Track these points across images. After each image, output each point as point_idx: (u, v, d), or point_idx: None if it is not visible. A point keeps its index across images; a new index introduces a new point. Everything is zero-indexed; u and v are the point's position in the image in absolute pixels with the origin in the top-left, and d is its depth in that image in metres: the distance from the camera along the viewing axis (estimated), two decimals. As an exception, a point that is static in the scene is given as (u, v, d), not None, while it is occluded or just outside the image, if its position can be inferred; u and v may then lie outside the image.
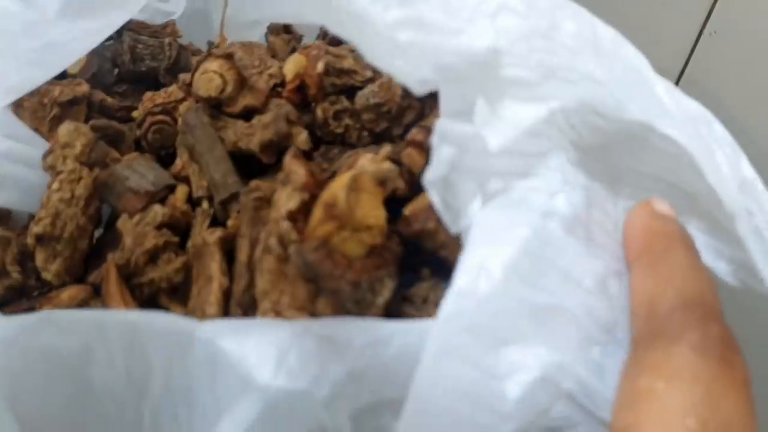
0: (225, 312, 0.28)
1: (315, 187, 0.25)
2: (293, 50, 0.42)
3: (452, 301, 0.20)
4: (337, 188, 0.22)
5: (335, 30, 0.24)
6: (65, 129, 0.34)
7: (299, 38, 0.43)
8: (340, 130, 0.35)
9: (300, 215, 0.24)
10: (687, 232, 0.22)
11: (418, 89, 0.21)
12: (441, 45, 0.21)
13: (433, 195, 0.21)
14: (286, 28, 0.43)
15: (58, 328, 0.25)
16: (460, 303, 0.20)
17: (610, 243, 0.22)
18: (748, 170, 0.23)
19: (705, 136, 0.23)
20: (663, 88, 0.23)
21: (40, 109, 0.38)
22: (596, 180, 0.22)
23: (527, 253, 0.20)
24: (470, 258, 0.20)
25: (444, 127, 0.21)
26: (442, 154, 0.21)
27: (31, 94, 0.37)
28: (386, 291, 0.23)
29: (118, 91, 0.45)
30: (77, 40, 0.37)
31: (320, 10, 0.25)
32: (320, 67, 0.33)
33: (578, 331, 0.20)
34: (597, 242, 0.21)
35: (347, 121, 0.35)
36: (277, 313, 0.24)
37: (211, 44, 0.50)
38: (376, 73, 0.34)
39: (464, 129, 0.20)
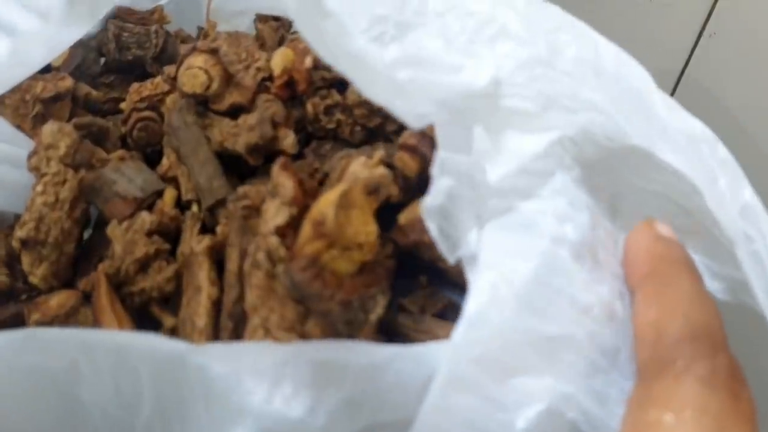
0: (215, 323, 0.27)
1: (304, 199, 0.24)
2: (282, 38, 0.41)
3: (463, 331, 0.19)
4: (325, 205, 0.21)
5: (329, 61, 0.23)
6: (48, 130, 0.33)
7: (288, 25, 0.42)
8: (331, 126, 0.34)
9: (289, 230, 0.24)
10: (690, 256, 0.21)
11: (417, 123, 0.21)
12: (441, 82, 0.20)
13: (431, 224, 0.20)
14: (275, 16, 0.42)
15: (44, 346, 0.24)
16: (471, 333, 0.19)
17: (612, 261, 0.21)
18: (749, 195, 0.23)
19: (707, 158, 0.22)
20: (665, 107, 0.22)
21: (22, 106, 0.37)
22: (598, 197, 0.21)
23: (538, 282, 0.19)
24: (481, 285, 0.19)
25: (444, 157, 0.20)
26: (441, 184, 0.20)
27: (13, 90, 0.36)
28: (379, 308, 0.23)
29: (104, 82, 0.44)
30: (59, 34, 0.35)
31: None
32: (308, 62, 0.32)
33: (584, 360, 0.19)
34: (601, 264, 0.21)
35: (339, 116, 0.34)
36: (267, 331, 0.23)
37: (200, 29, 0.49)
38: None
39: (464, 160, 0.20)
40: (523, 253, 0.19)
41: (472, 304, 0.19)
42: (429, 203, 0.20)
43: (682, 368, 0.18)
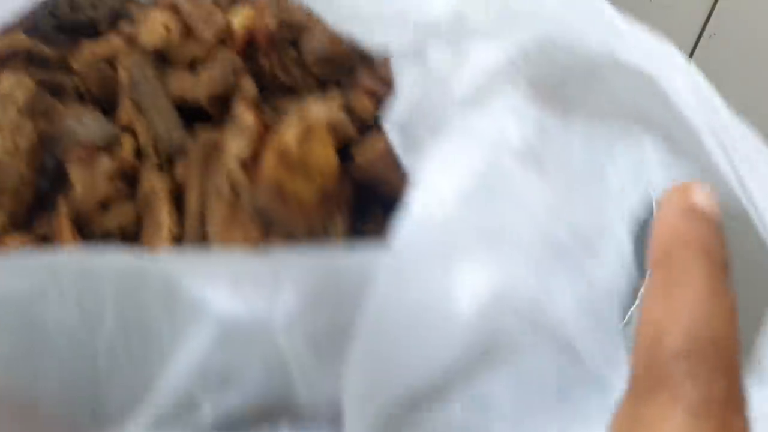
0: (176, 257, 0.28)
1: (266, 134, 0.26)
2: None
3: (406, 228, 0.20)
4: (288, 136, 0.23)
5: None
6: (7, 81, 0.33)
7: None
8: (289, 82, 0.35)
9: (251, 162, 0.25)
10: (718, 239, 0.19)
11: (378, 50, 0.22)
12: (404, 13, 0.21)
13: (393, 136, 0.21)
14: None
15: (5, 272, 0.25)
16: (413, 230, 0.20)
17: (561, 173, 0.22)
18: (708, 91, 0.24)
19: (665, 65, 0.23)
20: (623, 21, 0.23)
21: (-24, 61, 0.37)
22: (552, 111, 0.22)
23: (480, 183, 0.20)
24: (424, 187, 0.20)
25: (404, 71, 0.21)
26: (403, 97, 0.21)
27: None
28: (339, 231, 0.24)
29: (56, 42, 0.44)
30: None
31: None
32: (270, 23, 0.33)
33: (531, 254, 0.20)
34: (550, 172, 0.22)
35: (296, 72, 0.35)
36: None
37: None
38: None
39: (425, 73, 0.21)
40: (466, 156, 0.21)
41: (415, 201, 0.20)
42: (391, 116, 0.21)
43: (674, 393, 0.17)
